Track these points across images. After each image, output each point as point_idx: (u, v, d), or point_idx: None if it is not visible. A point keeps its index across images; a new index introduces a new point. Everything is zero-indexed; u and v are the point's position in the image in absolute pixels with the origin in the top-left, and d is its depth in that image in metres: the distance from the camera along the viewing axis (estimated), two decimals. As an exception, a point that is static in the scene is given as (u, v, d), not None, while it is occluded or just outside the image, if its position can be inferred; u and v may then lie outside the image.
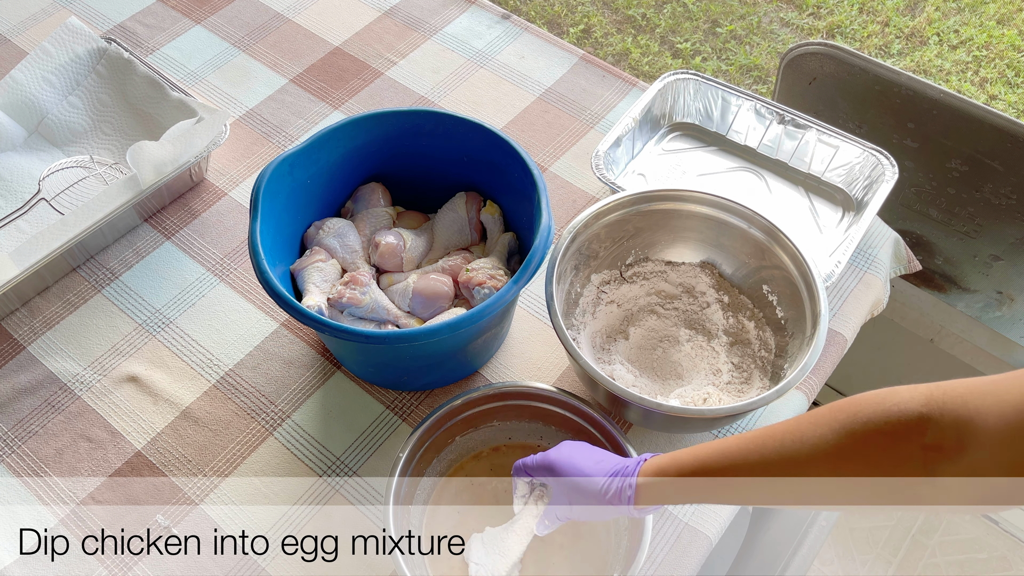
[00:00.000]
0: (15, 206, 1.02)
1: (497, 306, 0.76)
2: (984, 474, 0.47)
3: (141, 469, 0.85)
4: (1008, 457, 0.46)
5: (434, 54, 1.21)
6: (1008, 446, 0.46)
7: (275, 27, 1.24)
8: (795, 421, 0.58)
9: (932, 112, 1.09)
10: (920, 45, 2.22)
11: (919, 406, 0.50)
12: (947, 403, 0.49)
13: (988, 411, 0.47)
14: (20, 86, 1.08)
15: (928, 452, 0.49)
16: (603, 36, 2.28)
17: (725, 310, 0.92)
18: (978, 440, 0.47)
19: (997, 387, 0.48)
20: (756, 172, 1.07)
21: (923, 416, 0.49)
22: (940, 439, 0.49)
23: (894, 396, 0.52)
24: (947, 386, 0.50)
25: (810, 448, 0.55)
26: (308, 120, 1.14)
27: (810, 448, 0.55)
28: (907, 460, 0.50)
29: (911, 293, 1.32)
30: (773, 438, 0.58)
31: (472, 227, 0.93)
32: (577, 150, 1.11)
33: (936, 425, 0.49)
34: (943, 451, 0.49)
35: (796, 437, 0.56)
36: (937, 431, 0.49)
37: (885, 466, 0.52)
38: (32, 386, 0.91)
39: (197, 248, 1.02)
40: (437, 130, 0.90)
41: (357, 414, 0.89)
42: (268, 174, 0.83)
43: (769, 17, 2.32)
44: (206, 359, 0.93)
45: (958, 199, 1.16)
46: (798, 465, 0.56)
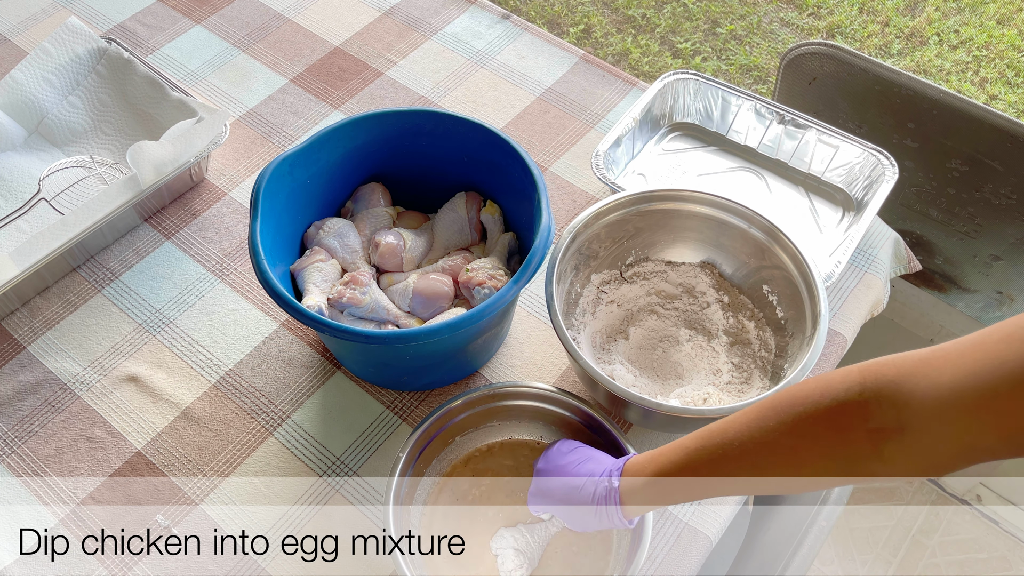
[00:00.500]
0: (15, 206, 1.02)
1: (497, 306, 0.76)
2: (928, 449, 0.49)
3: (141, 469, 0.85)
4: (948, 432, 0.48)
5: (434, 54, 1.21)
6: (946, 423, 0.48)
7: (275, 27, 1.24)
8: (743, 417, 0.60)
9: (932, 112, 1.09)
10: (920, 45, 2.22)
11: (856, 394, 0.52)
12: (882, 387, 0.51)
13: (923, 393, 0.48)
14: (20, 86, 1.08)
15: (872, 435, 0.51)
16: (603, 36, 2.28)
17: (725, 310, 0.92)
18: (917, 420, 0.49)
19: (927, 366, 0.49)
20: (756, 172, 1.07)
21: (861, 402, 0.51)
22: (881, 422, 0.51)
23: (828, 387, 0.54)
24: (878, 367, 0.52)
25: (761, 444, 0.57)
26: (308, 120, 1.14)
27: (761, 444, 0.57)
28: (853, 444, 0.53)
29: (911, 293, 1.32)
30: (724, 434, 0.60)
31: (472, 227, 0.93)
32: (577, 150, 1.11)
33: (876, 408, 0.51)
34: (886, 432, 0.51)
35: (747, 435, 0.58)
36: (878, 414, 0.51)
37: (834, 453, 0.54)
38: (32, 386, 0.91)
39: (197, 248, 1.02)
40: (437, 130, 0.90)
41: (357, 414, 0.89)
42: (268, 174, 0.83)
43: (769, 17, 2.32)
44: (206, 359, 0.93)
45: (958, 199, 1.16)
46: (753, 459, 0.58)
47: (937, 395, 0.48)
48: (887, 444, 0.51)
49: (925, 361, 0.50)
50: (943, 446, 0.49)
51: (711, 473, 0.62)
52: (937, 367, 0.49)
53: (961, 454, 0.49)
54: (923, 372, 0.49)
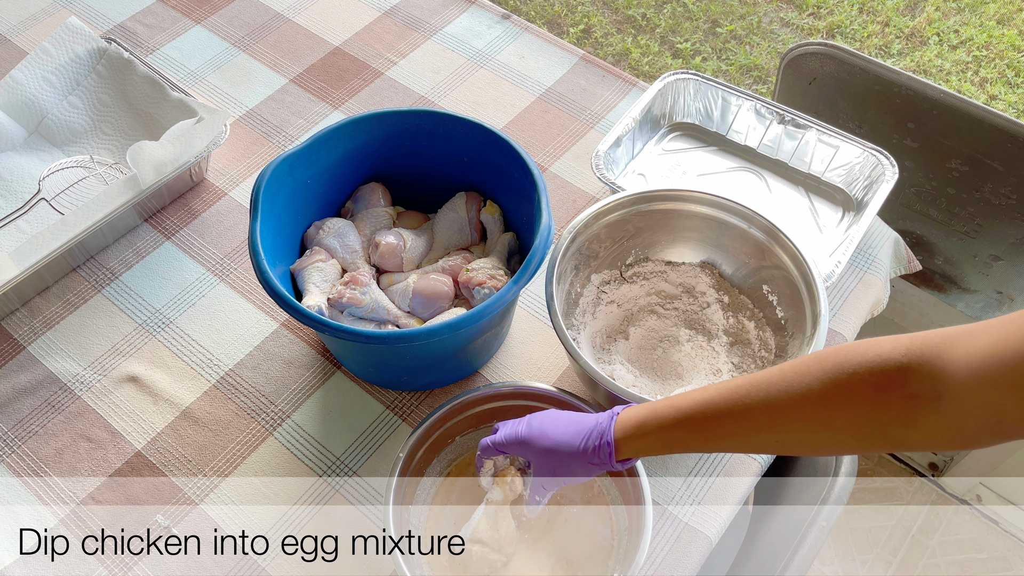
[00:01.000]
0: (15, 206, 1.02)
1: (497, 306, 0.76)
2: (958, 421, 0.50)
3: (141, 469, 0.85)
4: (976, 405, 0.48)
5: (434, 54, 1.21)
6: (976, 395, 0.48)
7: (275, 27, 1.24)
8: (779, 370, 0.59)
9: (932, 112, 1.09)
10: (920, 45, 2.22)
11: (900, 356, 0.52)
12: (924, 353, 0.51)
13: (958, 361, 0.49)
14: (20, 86, 1.08)
15: (908, 400, 0.51)
16: (603, 36, 2.28)
17: (725, 310, 0.92)
18: (950, 390, 0.49)
19: (967, 338, 0.49)
20: (756, 172, 1.07)
21: (903, 366, 0.52)
22: (919, 388, 0.51)
23: (877, 347, 0.54)
24: (926, 336, 0.52)
25: (796, 396, 0.56)
26: (308, 120, 1.14)
27: (796, 396, 0.56)
28: (889, 408, 0.53)
29: (911, 293, 1.32)
30: (758, 387, 0.59)
31: (472, 227, 0.93)
32: (577, 150, 1.11)
33: (915, 375, 0.51)
34: (921, 400, 0.51)
35: (782, 386, 0.57)
36: (916, 381, 0.51)
37: (868, 413, 0.54)
38: (32, 386, 0.91)
39: (197, 248, 1.02)
40: (437, 130, 0.90)
41: (357, 414, 0.89)
42: (268, 174, 0.83)
43: (769, 17, 2.32)
44: (206, 359, 0.93)
45: (958, 199, 1.16)
46: (783, 412, 0.57)
47: (968, 365, 0.48)
48: (920, 411, 0.51)
49: (964, 333, 0.50)
50: (971, 419, 0.49)
51: (733, 422, 0.60)
52: (973, 339, 0.49)
53: (988, 428, 0.49)
54: (961, 343, 0.49)
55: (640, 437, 0.65)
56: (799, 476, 0.90)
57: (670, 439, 0.64)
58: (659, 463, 0.85)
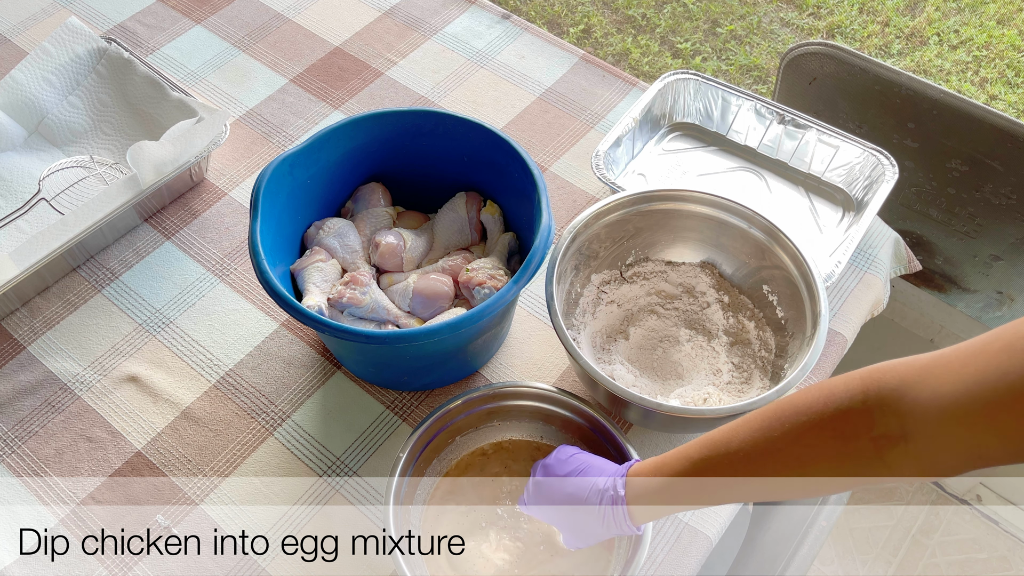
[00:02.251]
0: (15, 206, 1.02)
1: (497, 306, 0.76)
2: (932, 456, 0.50)
3: (141, 469, 0.85)
4: (951, 442, 0.49)
5: (434, 54, 1.21)
6: (950, 432, 0.48)
7: (275, 27, 1.24)
8: (748, 428, 0.59)
9: (932, 112, 1.09)
10: (920, 45, 2.22)
11: (858, 401, 0.52)
12: (884, 396, 0.51)
13: (927, 402, 0.49)
14: (20, 86, 1.07)
15: (876, 442, 0.52)
16: (603, 36, 2.28)
17: (725, 310, 0.92)
18: (920, 428, 0.49)
19: (931, 376, 0.49)
20: (756, 172, 1.07)
21: (864, 410, 0.52)
22: (885, 430, 0.51)
23: (831, 396, 0.54)
24: (882, 374, 0.52)
25: (770, 452, 0.58)
26: (308, 120, 1.14)
27: (770, 452, 0.58)
28: (859, 454, 0.53)
29: (911, 293, 1.32)
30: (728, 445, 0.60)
31: (472, 227, 0.93)
32: (577, 150, 1.11)
33: (880, 417, 0.51)
34: (890, 439, 0.51)
35: (749, 443, 0.59)
36: (882, 423, 0.51)
37: (838, 462, 0.55)
38: (32, 386, 0.91)
39: (197, 248, 1.02)
40: (437, 130, 0.90)
41: (357, 414, 0.89)
42: (268, 174, 0.83)
43: (769, 17, 2.32)
44: (206, 359, 0.93)
45: (958, 199, 1.16)
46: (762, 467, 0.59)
47: (939, 405, 0.48)
48: (891, 451, 0.51)
49: (926, 369, 0.50)
50: (947, 453, 0.49)
51: (718, 482, 0.62)
52: (939, 376, 0.49)
53: (965, 460, 0.49)
54: (925, 381, 0.49)
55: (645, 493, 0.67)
56: (799, 476, 0.90)
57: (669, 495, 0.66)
58: (659, 463, 0.85)
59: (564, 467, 0.74)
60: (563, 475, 0.73)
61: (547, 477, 0.74)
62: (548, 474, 0.74)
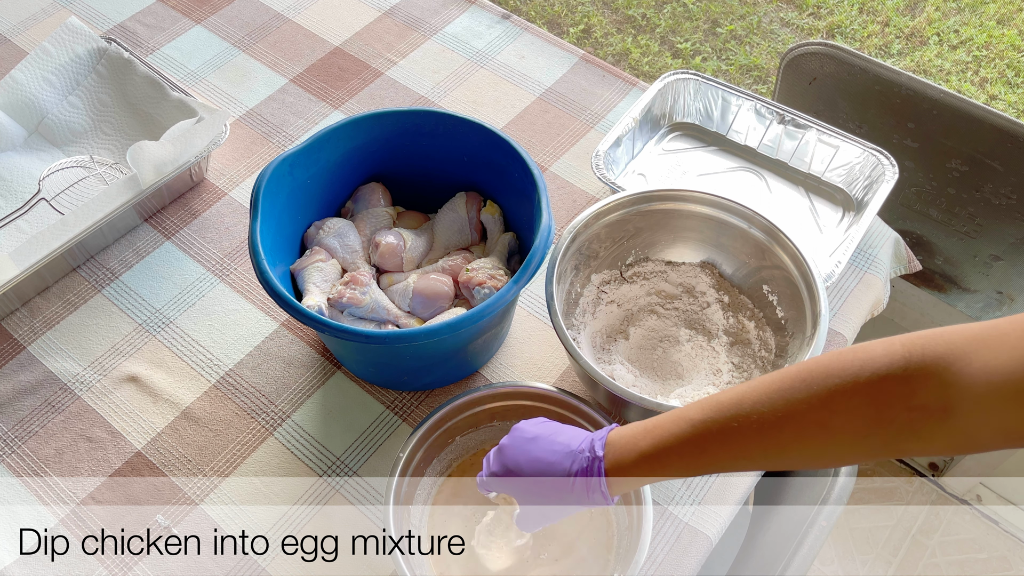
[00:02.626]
0: (15, 206, 1.02)
1: (497, 306, 0.76)
2: (970, 432, 0.47)
3: (141, 469, 0.85)
4: (994, 418, 0.46)
5: (434, 54, 1.21)
6: (996, 408, 0.45)
7: (275, 27, 1.24)
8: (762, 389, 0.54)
9: (932, 112, 1.09)
10: (920, 45, 2.22)
11: (899, 369, 0.48)
12: (928, 364, 0.47)
13: (974, 375, 0.46)
14: (20, 86, 1.08)
15: (912, 412, 0.48)
16: (603, 36, 2.28)
17: (725, 310, 0.92)
18: (964, 402, 0.46)
19: (983, 349, 0.46)
20: (756, 172, 1.07)
21: (904, 378, 0.48)
22: (924, 400, 0.47)
23: (869, 359, 0.50)
24: (925, 343, 0.48)
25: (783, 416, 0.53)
26: (308, 120, 1.14)
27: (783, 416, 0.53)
28: (891, 422, 0.49)
29: (911, 293, 1.32)
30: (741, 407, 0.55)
31: (472, 227, 0.93)
32: (577, 150, 1.11)
33: (921, 387, 0.48)
34: (928, 411, 0.48)
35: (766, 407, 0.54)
36: (923, 392, 0.47)
37: (868, 428, 0.50)
38: (32, 386, 0.91)
39: (197, 248, 1.02)
40: (437, 130, 0.90)
41: (357, 414, 0.89)
42: (268, 174, 0.83)
43: (769, 17, 2.32)
44: (206, 359, 0.93)
45: (958, 199, 1.16)
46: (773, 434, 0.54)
47: (988, 379, 0.45)
48: (927, 423, 0.48)
49: (979, 339, 0.46)
50: (987, 429, 0.46)
51: (721, 447, 0.56)
52: (993, 348, 0.45)
53: (1003, 438, 0.46)
54: (976, 352, 0.46)
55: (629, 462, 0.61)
56: (799, 476, 0.90)
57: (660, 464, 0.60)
58: (659, 463, 0.85)
59: (531, 430, 0.67)
60: (529, 438, 0.66)
61: (511, 442, 0.67)
62: (513, 439, 0.67)
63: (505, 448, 0.67)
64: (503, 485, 0.68)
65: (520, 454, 0.66)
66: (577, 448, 0.63)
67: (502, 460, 0.67)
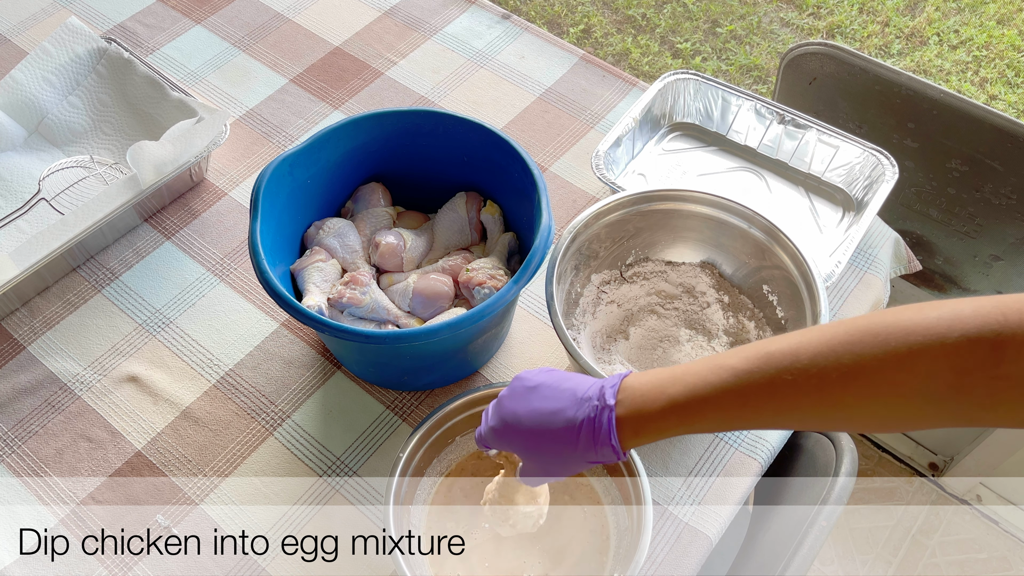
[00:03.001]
0: (15, 206, 1.02)
1: (497, 306, 0.76)
2: None
3: (141, 469, 0.85)
4: None
5: (434, 54, 1.21)
6: None
7: (275, 27, 1.24)
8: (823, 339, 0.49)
9: (932, 112, 1.09)
10: (920, 45, 2.22)
11: (991, 332, 0.44)
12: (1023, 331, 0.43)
13: None
14: (20, 86, 1.08)
15: (996, 383, 0.44)
16: (603, 36, 2.28)
17: (725, 310, 0.92)
18: None
19: None
20: (756, 172, 1.07)
21: (996, 343, 0.43)
22: (1010, 371, 0.43)
23: (957, 319, 0.45)
24: (1022, 308, 0.44)
25: (848, 372, 0.47)
26: (308, 120, 1.14)
27: (848, 372, 0.47)
28: (972, 390, 0.45)
29: (911, 293, 1.32)
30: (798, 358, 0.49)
31: (472, 227, 0.93)
32: (577, 150, 1.11)
33: (1013, 354, 0.43)
34: (1012, 383, 0.43)
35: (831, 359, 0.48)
36: (1013, 363, 0.43)
37: (943, 395, 0.46)
38: (32, 386, 0.91)
39: (197, 248, 1.02)
40: (437, 130, 0.90)
41: (357, 414, 0.89)
42: (268, 174, 0.83)
43: (769, 17, 2.32)
44: (206, 359, 0.93)
45: (958, 199, 1.16)
46: (832, 390, 0.48)
47: None
48: (1007, 394, 0.44)
49: None
50: None
51: (768, 400, 0.50)
52: None
53: None
54: None
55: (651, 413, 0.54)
56: (799, 476, 0.90)
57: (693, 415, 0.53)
58: (659, 463, 0.85)
59: (534, 378, 0.60)
60: (530, 387, 0.60)
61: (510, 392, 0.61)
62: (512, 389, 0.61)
63: (503, 399, 0.61)
64: (501, 440, 0.61)
65: (519, 404, 0.59)
66: (583, 395, 0.57)
67: (499, 412, 0.61)
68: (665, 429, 0.54)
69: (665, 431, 0.55)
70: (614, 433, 0.55)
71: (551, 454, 0.58)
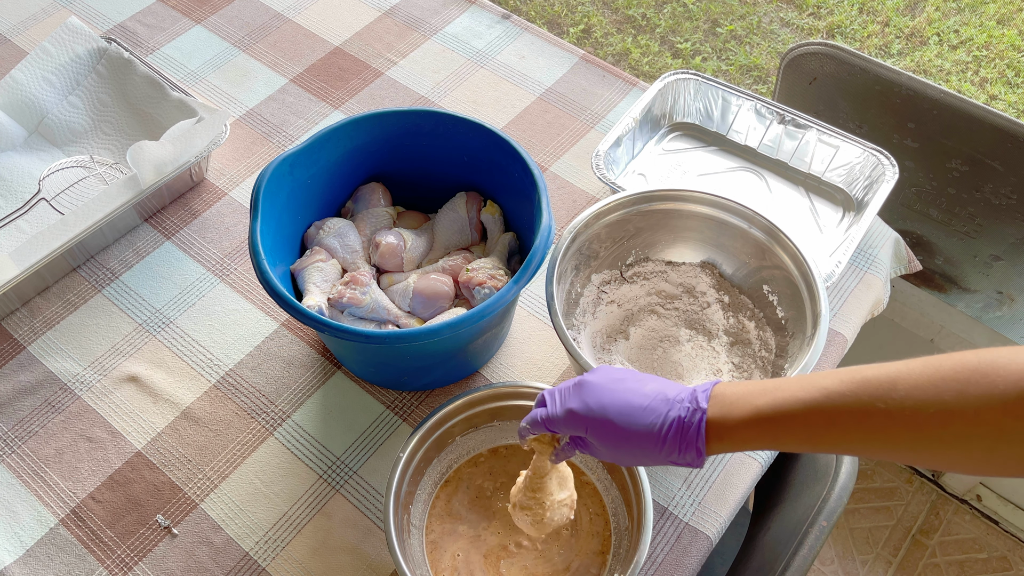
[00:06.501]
0: (15, 206, 1.02)
1: (497, 306, 0.76)
2: None
3: (141, 469, 0.85)
4: None
5: (434, 54, 1.21)
6: None
7: (275, 27, 1.24)
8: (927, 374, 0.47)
9: (932, 112, 1.09)
10: (920, 45, 2.22)
11: None
12: None
13: None
14: (20, 86, 1.08)
15: None
16: (603, 36, 2.28)
17: (725, 310, 0.92)
18: None
19: None
20: (756, 172, 1.07)
21: None
22: None
23: None
24: None
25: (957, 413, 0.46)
26: (308, 120, 1.14)
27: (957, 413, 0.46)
28: None
29: (911, 293, 1.32)
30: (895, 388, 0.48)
31: (472, 227, 0.93)
32: (577, 150, 1.11)
33: None
34: None
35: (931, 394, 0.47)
36: None
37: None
38: (32, 386, 0.91)
39: (197, 248, 1.02)
40: (437, 130, 0.90)
41: (357, 414, 0.89)
42: (268, 174, 0.83)
43: (769, 17, 2.32)
44: (206, 359, 0.93)
45: (958, 199, 1.16)
46: (937, 427, 0.47)
47: None
48: None
49: None
50: None
51: (857, 427, 0.49)
52: None
53: None
54: None
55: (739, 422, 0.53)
56: (799, 476, 0.90)
57: (778, 431, 0.52)
58: (659, 463, 0.85)
59: (617, 372, 0.60)
60: (617, 378, 0.59)
61: (597, 379, 0.60)
62: (598, 376, 0.60)
63: (589, 384, 0.59)
64: (576, 424, 0.59)
65: (607, 394, 0.58)
66: (675, 396, 0.56)
67: (583, 397, 0.59)
68: (748, 439, 0.54)
69: (748, 441, 0.54)
70: (702, 436, 0.55)
71: (631, 446, 0.58)
